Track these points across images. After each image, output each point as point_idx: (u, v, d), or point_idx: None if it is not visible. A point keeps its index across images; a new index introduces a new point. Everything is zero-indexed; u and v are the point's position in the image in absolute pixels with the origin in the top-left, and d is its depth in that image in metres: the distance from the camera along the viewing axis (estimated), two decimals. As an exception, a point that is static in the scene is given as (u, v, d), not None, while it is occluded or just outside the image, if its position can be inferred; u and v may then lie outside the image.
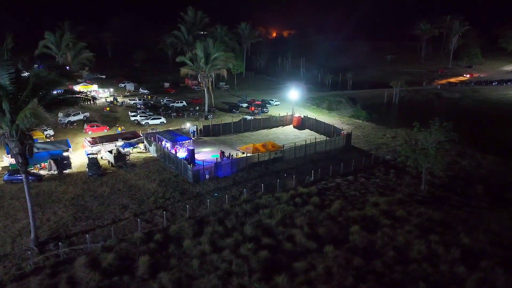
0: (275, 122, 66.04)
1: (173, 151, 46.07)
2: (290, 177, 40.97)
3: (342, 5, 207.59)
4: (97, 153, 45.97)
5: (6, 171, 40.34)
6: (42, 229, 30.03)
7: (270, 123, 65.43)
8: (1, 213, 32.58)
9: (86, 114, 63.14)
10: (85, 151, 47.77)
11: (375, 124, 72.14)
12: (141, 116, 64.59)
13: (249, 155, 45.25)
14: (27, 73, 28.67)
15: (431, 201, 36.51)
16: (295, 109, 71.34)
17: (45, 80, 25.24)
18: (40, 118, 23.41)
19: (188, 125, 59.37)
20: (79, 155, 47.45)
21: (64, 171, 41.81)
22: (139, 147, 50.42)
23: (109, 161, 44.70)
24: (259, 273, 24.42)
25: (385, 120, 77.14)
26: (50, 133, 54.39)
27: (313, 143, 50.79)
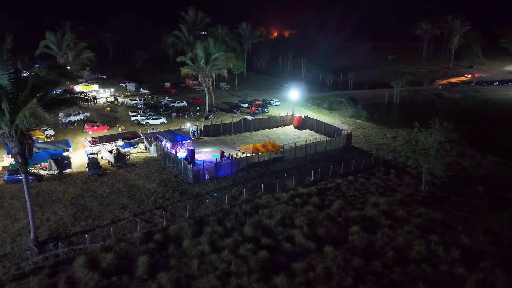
0: (275, 122, 65.98)
1: (173, 151, 46.08)
2: (290, 177, 40.93)
3: (342, 5, 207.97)
4: (97, 153, 46.03)
5: (6, 171, 40.38)
6: (41, 229, 30.06)
7: (270, 123, 65.37)
8: (1, 213, 32.62)
9: (86, 114, 63.19)
10: (85, 151, 47.82)
11: (375, 124, 72.02)
12: (141, 116, 64.63)
13: (249, 155, 45.23)
14: (27, 73, 28.70)
15: (431, 202, 36.45)
16: (296, 109, 71.32)
17: (44, 80, 25.30)
18: (39, 118, 23.41)
19: (188, 125, 59.37)
20: (80, 155, 47.49)
21: (64, 171, 41.85)
22: (139, 147, 50.45)
23: (109, 161, 44.73)
24: (258, 274, 24.40)
25: (386, 120, 76.94)
26: (50, 133, 54.44)
27: (313, 143, 50.75)
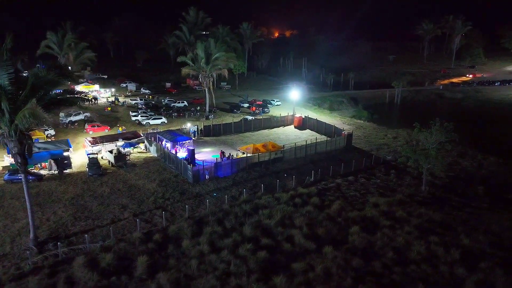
0: (276, 122, 65.91)
1: (173, 151, 46.09)
2: (290, 177, 40.88)
3: (341, 5, 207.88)
4: (98, 153, 46.06)
5: (6, 171, 40.44)
6: (41, 229, 30.08)
7: (271, 123, 65.31)
8: (1, 213, 32.65)
9: (87, 114, 63.24)
10: (85, 151, 47.85)
11: (376, 124, 71.86)
12: (142, 116, 64.68)
13: (249, 155, 45.20)
14: (27, 73, 28.70)
15: (431, 202, 36.35)
16: (297, 109, 71.24)
17: (44, 80, 25.29)
18: (38, 118, 23.40)
19: (188, 125, 59.38)
20: (80, 155, 47.51)
21: (64, 171, 41.89)
22: (140, 147, 50.46)
23: (109, 161, 44.76)
24: (257, 274, 24.37)
25: (387, 120, 76.85)
26: (51, 133, 54.50)
27: (313, 144, 50.68)
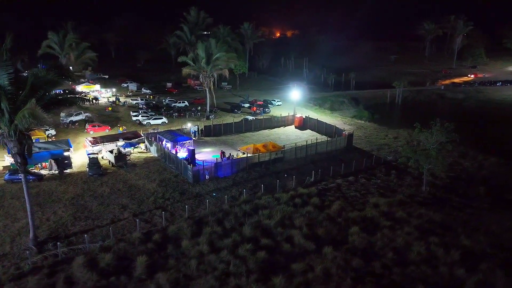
0: (276, 122, 65.84)
1: (173, 151, 46.09)
2: (290, 177, 40.83)
3: (343, 5, 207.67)
4: (98, 153, 46.09)
5: (7, 171, 40.50)
6: (41, 229, 30.12)
7: (271, 123, 65.25)
8: (1, 213, 32.71)
9: (87, 114, 63.30)
10: (86, 150, 47.89)
11: (377, 124, 71.75)
12: (142, 116, 64.70)
13: (250, 155, 45.17)
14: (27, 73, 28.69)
15: (432, 202, 36.27)
16: (297, 110, 71.16)
17: (43, 80, 25.32)
18: (38, 118, 23.41)
19: (189, 125, 59.37)
20: (81, 155, 47.54)
21: (64, 171, 41.93)
22: (140, 147, 50.48)
23: (109, 161, 44.79)
24: (257, 274, 24.35)
25: (388, 120, 76.61)
26: (52, 132, 54.51)
27: (314, 144, 50.61)
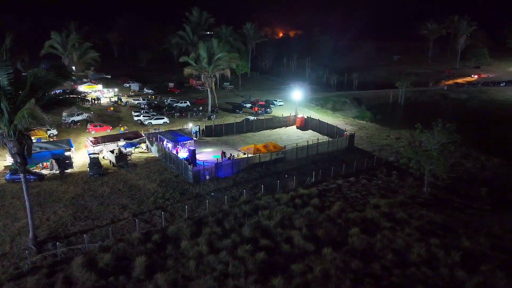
0: (278, 122, 65.71)
1: (174, 152, 46.08)
2: (291, 178, 40.73)
3: (346, 5, 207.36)
4: (99, 153, 46.14)
5: (8, 170, 40.62)
6: (41, 229, 30.16)
7: (273, 123, 65.13)
8: (2, 212, 32.79)
9: (88, 114, 63.40)
10: (87, 150, 47.97)
11: (379, 125, 71.51)
12: (144, 116, 64.76)
13: (250, 155, 45.09)
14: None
15: (433, 204, 36.08)
16: (299, 110, 71.00)
17: (43, 80, 25.31)
18: (37, 118, 23.39)
19: (190, 125, 59.35)
20: (82, 155, 47.65)
21: (65, 171, 42.01)
22: (141, 147, 50.51)
23: (110, 161, 44.83)
24: (256, 275, 24.28)
25: (390, 121, 76.26)
26: (53, 132, 54.71)
27: (315, 144, 50.47)
